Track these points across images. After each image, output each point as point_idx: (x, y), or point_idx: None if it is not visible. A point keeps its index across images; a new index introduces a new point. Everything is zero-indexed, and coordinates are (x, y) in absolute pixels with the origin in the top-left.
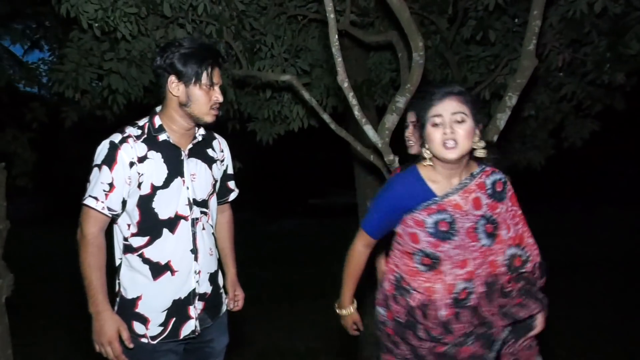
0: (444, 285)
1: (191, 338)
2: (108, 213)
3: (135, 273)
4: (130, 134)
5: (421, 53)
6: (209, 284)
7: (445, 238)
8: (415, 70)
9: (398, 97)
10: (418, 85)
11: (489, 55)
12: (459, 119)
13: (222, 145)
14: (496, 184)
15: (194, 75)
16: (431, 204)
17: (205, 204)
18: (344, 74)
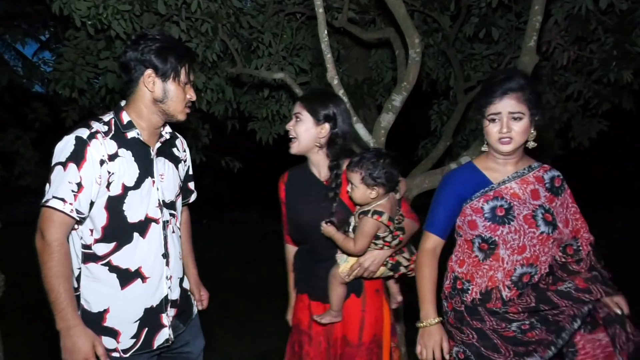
0: (504, 271)
1: (165, 347)
2: (76, 216)
3: (98, 284)
4: (98, 129)
5: (417, 50)
6: (179, 289)
7: (502, 222)
8: (411, 67)
9: (394, 96)
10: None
11: (492, 53)
12: (516, 117)
13: (184, 145)
14: (555, 179)
15: (172, 71)
16: (488, 191)
17: (173, 205)
18: (333, 71)
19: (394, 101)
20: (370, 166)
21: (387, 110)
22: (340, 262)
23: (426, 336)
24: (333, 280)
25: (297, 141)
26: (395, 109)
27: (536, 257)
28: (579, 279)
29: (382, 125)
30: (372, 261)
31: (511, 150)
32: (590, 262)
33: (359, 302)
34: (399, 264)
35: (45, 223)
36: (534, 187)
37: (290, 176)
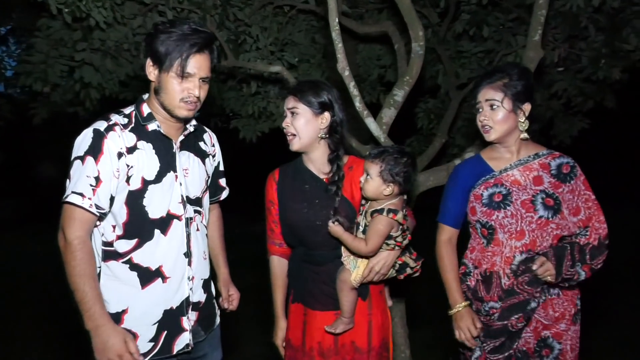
0: (502, 257)
1: (184, 353)
2: (96, 212)
3: (118, 283)
4: (117, 121)
5: (421, 43)
6: (202, 291)
7: (498, 207)
8: (414, 61)
9: (396, 90)
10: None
11: (481, 51)
12: (493, 105)
13: (213, 140)
14: (562, 166)
15: (166, 61)
16: (489, 178)
17: (199, 202)
18: (344, 61)
19: (395, 96)
20: (392, 161)
21: (389, 106)
22: (350, 268)
23: (458, 320)
24: (343, 286)
25: (297, 137)
26: (397, 104)
27: (534, 242)
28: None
29: (383, 120)
30: (383, 264)
31: (495, 139)
32: (598, 247)
33: (365, 305)
34: (406, 265)
35: (66, 221)
36: (537, 173)
37: (282, 174)
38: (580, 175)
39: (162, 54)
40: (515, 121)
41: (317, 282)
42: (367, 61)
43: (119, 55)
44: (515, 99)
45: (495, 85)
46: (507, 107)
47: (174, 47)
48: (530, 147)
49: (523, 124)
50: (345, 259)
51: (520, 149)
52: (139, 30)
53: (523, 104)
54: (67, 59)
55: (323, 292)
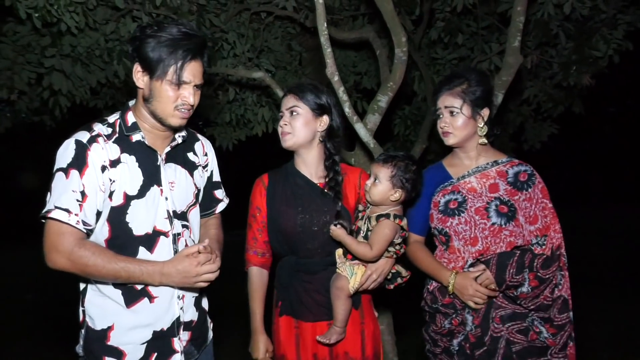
0: (459, 264)
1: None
2: (83, 228)
3: (104, 299)
4: (100, 132)
5: (404, 49)
6: (194, 309)
7: (452, 214)
8: (397, 67)
9: (380, 96)
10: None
11: (455, 58)
12: (452, 111)
13: (206, 149)
14: (520, 174)
15: (159, 67)
16: (447, 185)
17: (185, 216)
18: (333, 66)
19: (379, 102)
20: (403, 167)
21: (373, 112)
22: (347, 275)
23: (462, 290)
24: (339, 294)
25: (292, 135)
26: (381, 110)
27: (487, 249)
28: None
29: (368, 126)
30: (381, 271)
31: (455, 144)
32: (552, 259)
33: (358, 314)
34: (398, 274)
35: (51, 238)
36: (494, 181)
37: (271, 179)
38: (538, 184)
39: (154, 61)
40: (475, 126)
41: (310, 292)
42: (342, 68)
43: (89, 61)
44: (474, 105)
45: (454, 91)
46: (466, 113)
47: (167, 54)
48: (489, 153)
49: (482, 129)
50: (341, 266)
51: (479, 156)
52: (111, 36)
53: (482, 109)
54: (35, 65)
55: (316, 302)
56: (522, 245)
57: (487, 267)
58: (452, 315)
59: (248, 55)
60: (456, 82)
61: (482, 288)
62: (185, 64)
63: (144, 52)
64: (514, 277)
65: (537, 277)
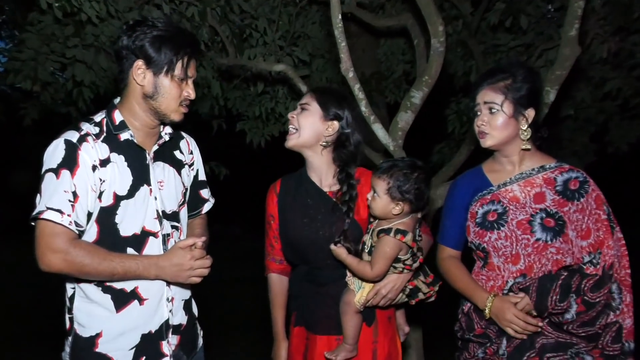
0: (498, 283)
1: None
2: (75, 229)
3: (93, 305)
4: (88, 131)
5: (441, 39)
6: (183, 313)
7: (491, 228)
8: (434, 59)
9: (414, 92)
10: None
11: (520, 45)
12: (492, 108)
13: (191, 146)
14: (570, 181)
15: (166, 64)
16: (486, 194)
17: (176, 216)
18: (348, 62)
19: (413, 98)
20: (402, 177)
21: (406, 109)
22: (354, 289)
23: (500, 316)
24: (347, 309)
25: (298, 133)
26: (415, 107)
27: (530, 268)
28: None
29: (399, 126)
30: (391, 287)
31: (492, 146)
32: (603, 282)
33: (370, 332)
34: (418, 290)
35: (46, 239)
36: (540, 190)
37: (283, 185)
38: (592, 192)
39: (162, 57)
40: (517, 128)
41: (320, 304)
42: (389, 56)
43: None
44: (517, 103)
45: (496, 86)
46: (507, 111)
47: (174, 50)
48: (535, 158)
49: (525, 132)
50: (349, 279)
51: (523, 160)
52: None
53: (526, 109)
54: (59, 55)
55: (326, 314)
56: (572, 264)
57: (527, 294)
58: (486, 344)
59: (279, 44)
60: (500, 76)
61: (521, 314)
62: (190, 60)
63: (148, 49)
64: (558, 305)
65: (585, 302)
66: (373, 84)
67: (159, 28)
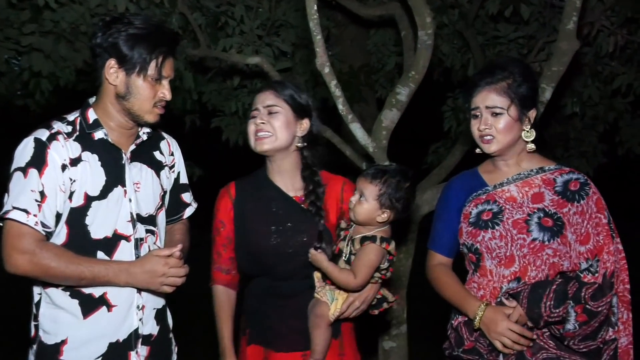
0: (489, 290)
1: None
2: (42, 230)
3: (58, 311)
4: (60, 130)
5: (429, 32)
6: (155, 322)
7: (485, 227)
8: (421, 53)
9: (399, 88)
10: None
11: (522, 37)
12: (496, 112)
13: (173, 147)
14: (570, 182)
15: (139, 63)
16: (481, 194)
17: (152, 220)
18: (324, 56)
19: (399, 95)
20: (394, 185)
21: (391, 106)
22: (327, 300)
23: (491, 327)
24: (319, 322)
25: (274, 136)
26: (401, 105)
27: (524, 270)
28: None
29: (383, 124)
30: (364, 298)
31: (497, 151)
32: (601, 291)
33: (337, 345)
34: (384, 299)
35: (12, 240)
36: (538, 190)
37: (239, 190)
38: (593, 195)
39: (135, 57)
40: (520, 130)
41: (284, 318)
42: (380, 47)
43: (75, 39)
44: (522, 105)
45: (498, 87)
46: (513, 115)
47: (148, 49)
48: (535, 159)
49: (528, 133)
50: (320, 291)
51: (521, 162)
52: (98, 9)
53: (529, 110)
54: (14, 43)
55: (291, 329)
56: (568, 270)
57: (518, 301)
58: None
59: (258, 33)
60: (499, 76)
61: (515, 326)
62: (165, 59)
63: (121, 48)
64: (553, 311)
65: (586, 311)
66: (362, 77)
67: (134, 25)
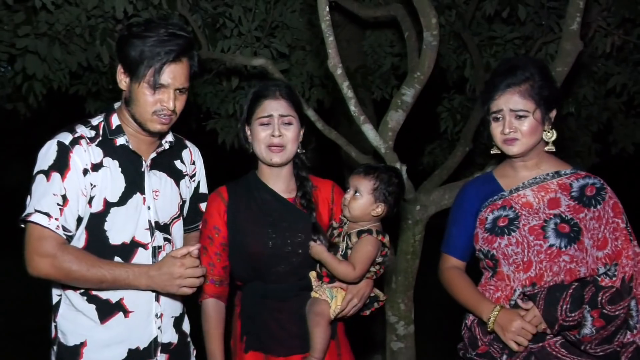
0: (504, 293)
1: None
2: (63, 234)
3: (78, 314)
4: (83, 134)
5: (435, 32)
6: (174, 330)
7: (501, 233)
8: (426, 54)
9: (405, 89)
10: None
11: (518, 37)
12: (520, 115)
13: (194, 156)
14: (587, 187)
15: (139, 69)
16: (496, 200)
17: (168, 229)
18: (336, 57)
19: (404, 96)
20: (387, 179)
21: (396, 107)
22: (327, 298)
23: (504, 326)
24: (319, 320)
25: (287, 148)
26: (406, 106)
27: (540, 276)
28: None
29: (389, 126)
30: (361, 295)
31: (520, 153)
32: (619, 294)
33: (334, 345)
34: (376, 298)
35: (34, 243)
36: (554, 195)
37: (232, 194)
38: (609, 199)
39: (134, 62)
40: (541, 131)
41: (281, 322)
42: (376, 49)
43: (69, 41)
44: (546, 107)
45: (522, 89)
46: (537, 117)
47: (147, 55)
48: (551, 163)
49: (549, 133)
50: (318, 289)
51: (540, 164)
52: (94, 12)
53: (551, 111)
54: (7, 45)
55: (289, 333)
56: (586, 276)
57: (534, 303)
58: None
59: (255, 34)
60: (522, 77)
61: (529, 326)
62: (165, 66)
63: (125, 53)
64: (569, 315)
65: (603, 315)
66: (358, 78)
67: (145, 32)
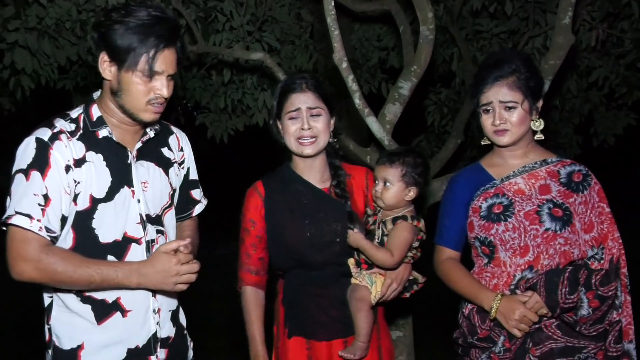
0: (504, 279)
1: None
2: (46, 235)
3: (72, 316)
4: (62, 128)
5: (431, 27)
6: (171, 324)
7: (498, 220)
8: (423, 48)
9: (402, 83)
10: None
11: (504, 32)
12: (510, 106)
13: (182, 142)
14: (574, 174)
15: (128, 57)
16: (488, 188)
17: (160, 220)
18: (342, 51)
19: (401, 89)
20: (412, 163)
21: (393, 100)
22: (367, 284)
23: (507, 314)
24: (361, 306)
25: (318, 140)
26: (403, 99)
27: (537, 259)
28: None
29: (387, 118)
30: (400, 279)
31: (510, 142)
32: (607, 276)
33: (375, 329)
34: (415, 281)
35: (16, 246)
36: (544, 182)
37: (267, 187)
38: (594, 185)
39: (123, 50)
40: (529, 121)
41: (323, 308)
42: (364, 42)
43: (59, 35)
44: (533, 97)
45: (510, 81)
46: (525, 108)
47: (137, 42)
48: (538, 152)
49: (537, 122)
50: (357, 276)
51: (528, 154)
52: (85, 6)
53: (538, 101)
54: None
55: (331, 318)
56: (578, 258)
57: (535, 291)
58: (490, 348)
59: (247, 29)
60: (507, 69)
61: (531, 313)
62: (158, 52)
63: (111, 40)
64: (568, 297)
65: (598, 296)
66: None
67: (132, 15)
